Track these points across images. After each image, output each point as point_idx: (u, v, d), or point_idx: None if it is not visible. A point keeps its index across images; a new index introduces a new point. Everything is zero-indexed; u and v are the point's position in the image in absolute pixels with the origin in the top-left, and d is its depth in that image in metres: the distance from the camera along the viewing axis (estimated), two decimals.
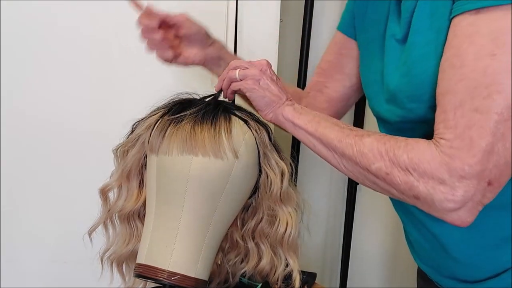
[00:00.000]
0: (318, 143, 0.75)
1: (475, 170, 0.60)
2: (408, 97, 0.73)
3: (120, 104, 1.17)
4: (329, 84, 1.00)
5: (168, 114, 0.77)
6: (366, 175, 0.69)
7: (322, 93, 1.01)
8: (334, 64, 0.99)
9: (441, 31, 0.67)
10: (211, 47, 0.91)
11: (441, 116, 0.64)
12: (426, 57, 0.69)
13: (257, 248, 0.82)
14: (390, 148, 0.66)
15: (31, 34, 1.13)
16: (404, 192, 0.65)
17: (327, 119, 0.75)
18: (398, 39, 0.77)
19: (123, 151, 0.82)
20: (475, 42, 0.61)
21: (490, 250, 0.78)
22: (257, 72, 0.78)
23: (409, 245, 0.95)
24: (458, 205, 0.62)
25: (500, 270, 0.78)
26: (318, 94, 1.02)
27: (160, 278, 0.72)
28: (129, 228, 0.83)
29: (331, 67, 1.00)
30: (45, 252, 1.23)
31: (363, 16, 0.90)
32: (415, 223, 0.85)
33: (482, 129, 0.59)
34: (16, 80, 1.15)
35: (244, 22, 1.18)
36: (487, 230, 0.77)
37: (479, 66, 0.60)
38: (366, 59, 0.89)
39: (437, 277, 0.89)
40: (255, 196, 0.81)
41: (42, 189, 1.20)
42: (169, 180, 0.74)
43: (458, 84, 0.61)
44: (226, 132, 0.74)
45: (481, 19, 0.60)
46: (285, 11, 1.29)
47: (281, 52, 1.24)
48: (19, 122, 1.17)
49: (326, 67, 1.01)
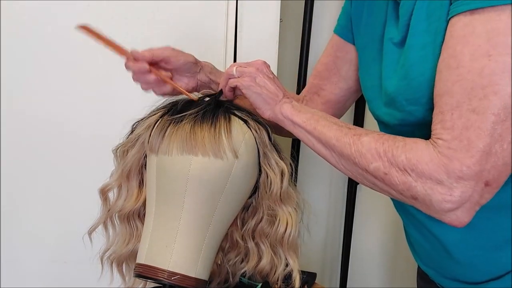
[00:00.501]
0: (316, 142, 0.75)
1: (473, 171, 0.60)
2: (407, 100, 0.73)
3: (120, 104, 1.17)
4: (326, 87, 1.00)
5: (168, 114, 0.77)
6: (365, 175, 0.69)
7: (318, 95, 1.01)
8: (331, 66, 0.99)
9: (439, 33, 0.67)
10: (200, 73, 0.90)
11: (438, 117, 0.64)
12: (424, 59, 0.69)
13: (257, 248, 0.82)
14: (389, 148, 0.66)
15: (31, 34, 1.13)
16: (402, 193, 0.66)
17: (325, 117, 0.75)
18: (396, 42, 0.77)
19: (123, 151, 0.82)
20: (470, 43, 0.61)
21: (492, 251, 0.78)
22: (253, 70, 0.79)
23: (410, 246, 0.95)
24: (455, 205, 0.62)
25: (502, 272, 0.78)
26: (314, 96, 1.02)
27: (160, 278, 0.72)
28: (129, 228, 0.83)
29: (327, 70, 1.00)
30: (45, 252, 1.23)
31: (359, 20, 0.91)
32: (416, 224, 0.85)
33: (479, 130, 0.59)
34: (16, 80, 1.15)
35: (244, 22, 1.18)
36: (489, 232, 0.77)
37: (475, 67, 0.60)
38: (364, 63, 0.89)
39: (438, 278, 0.89)
40: (255, 196, 0.81)
41: (42, 189, 1.20)
42: (169, 180, 0.74)
43: (455, 85, 0.62)
44: (226, 132, 0.74)
45: (476, 20, 0.61)
46: (285, 11, 1.29)
47: (281, 52, 1.24)
48: (19, 122, 1.17)
49: (322, 69, 1.01)
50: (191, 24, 1.18)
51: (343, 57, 0.97)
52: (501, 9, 0.59)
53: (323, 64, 1.01)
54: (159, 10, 1.16)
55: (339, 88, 0.99)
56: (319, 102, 1.01)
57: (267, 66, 0.81)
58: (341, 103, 1.01)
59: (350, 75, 0.97)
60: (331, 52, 0.99)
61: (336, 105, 1.01)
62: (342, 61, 0.97)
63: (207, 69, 0.91)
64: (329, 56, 0.99)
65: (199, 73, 0.89)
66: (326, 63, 1.00)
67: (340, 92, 0.99)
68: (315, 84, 1.02)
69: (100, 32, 0.81)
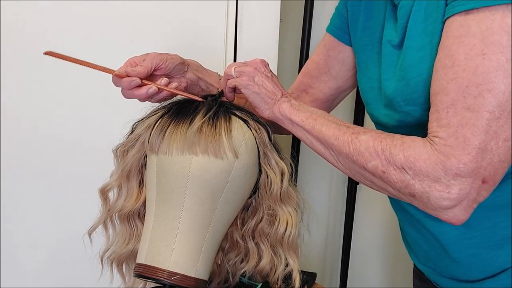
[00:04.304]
0: (315, 141, 0.75)
1: (469, 168, 0.61)
2: (405, 100, 0.74)
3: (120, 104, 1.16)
4: (315, 85, 1.00)
5: (168, 114, 0.77)
6: (363, 173, 0.70)
7: (307, 93, 1.02)
8: (322, 65, 0.99)
9: (435, 35, 0.68)
10: (189, 72, 0.88)
11: (434, 115, 0.64)
12: (421, 60, 0.70)
13: (257, 248, 0.82)
14: (386, 147, 0.66)
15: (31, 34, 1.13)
16: (400, 190, 0.66)
17: (324, 116, 0.76)
18: (395, 44, 0.78)
19: (123, 151, 0.82)
20: (465, 42, 0.62)
21: (489, 250, 0.78)
22: (251, 69, 0.79)
23: (406, 245, 0.96)
24: (453, 203, 0.63)
25: (498, 270, 0.78)
26: (303, 94, 1.02)
27: (160, 278, 0.72)
28: (129, 228, 0.83)
29: (318, 68, 1.00)
30: (45, 252, 1.23)
31: (356, 23, 0.91)
32: (413, 222, 0.86)
33: (474, 128, 0.60)
34: (16, 80, 1.15)
35: (244, 22, 1.19)
36: (486, 230, 0.77)
37: (470, 65, 0.61)
38: (363, 65, 0.90)
39: (435, 276, 0.89)
40: (255, 195, 0.81)
41: (42, 189, 1.20)
42: (169, 180, 0.74)
43: (450, 83, 0.62)
44: (226, 132, 0.74)
45: (471, 20, 0.62)
46: (285, 11, 1.29)
47: (281, 52, 1.24)
48: (19, 122, 1.17)
49: (312, 68, 1.01)
50: (191, 24, 1.18)
51: (335, 57, 0.97)
52: (495, 9, 0.60)
53: (314, 62, 1.01)
54: (159, 10, 1.16)
55: (328, 87, 1.00)
56: (307, 100, 1.01)
57: (265, 65, 0.81)
58: (329, 102, 1.02)
59: (341, 75, 0.98)
60: (323, 51, 0.99)
61: (324, 103, 1.01)
62: (334, 60, 0.97)
63: (194, 67, 0.90)
64: (321, 55, 0.99)
65: (188, 72, 0.88)
66: (317, 61, 1.00)
67: (329, 91, 1.00)
68: (304, 82, 1.02)
69: (72, 57, 0.78)
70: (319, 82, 1.00)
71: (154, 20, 1.16)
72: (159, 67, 0.82)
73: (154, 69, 0.82)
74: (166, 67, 0.83)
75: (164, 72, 0.84)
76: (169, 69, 0.84)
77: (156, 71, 0.83)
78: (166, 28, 1.17)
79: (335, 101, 1.03)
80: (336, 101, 1.04)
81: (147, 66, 0.80)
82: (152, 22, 1.16)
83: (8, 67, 1.14)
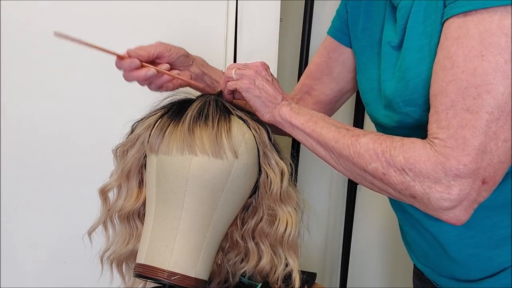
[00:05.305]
0: (315, 144, 0.75)
1: (469, 168, 0.61)
2: (404, 101, 0.74)
3: (120, 104, 1.17)
4: (317, 87, 1.01)
5: (167, 114, 0.78)
6: (363, 175, 0.70)
7: (310, 95, 1.02)
8: (323, 67, 1.00)
9: (434, 36, 0.68)
10: (193, 65, 0.90)
11: (433, 116, 0.65)
12: (420, 61, 0.70)
13: (257, 248, 0.82)
14: (386, 149, 0.66)
15: (31, 34, 1.13)
16: (401, 192, 0.66)
17: (324, 119, 0.76)
18: (394, 45, 0.78)
19: (122, 151, 0.82)
20: (464, 44, 0.62)
21: (488, 249, 0.78)
22: (252, 73, 0.79)
23: (406, 244, 0.96)
24: (454, 203, 0.63)
25: (498, 269, 0.79)
26: (306, 96, 1.03)
27: (160, 278, 0.72)
28: (129, 228, 0.83)
29: (319, 70, 1.00)
30: (45, 252, 1.23)
31: (356, 25, 0.91)
32: (413, 222, 0.86)
33: (474, 129, 0.60)
34: (16, 80, 1.15)
35: (244, 22, 1.19)
36: (486, 230, 0.77)
37: (469, 67, 0.61)
38: (362, 67, 0.90)
39: (434, 276, 0.89)
40: (255, 195, 0.81)
41: (42, 189, 1.20)
42: (169, 180, 0.74)
43: (449, 85, 0.63)
44: (226, 132, 0.74)
45: (469, 22, 0.62)
46: (285, 11, 1.29)
47: (281, 52, 1.24)
48: (19, 122, 1.17)
49: (314, 70, 1.02)
50: (191, 24, 1.18)
51: (336, 59, 0.97)
52: (493, 11, 0.60)
53: (315, 64, 1.01)
54: (159, 10, 1.16)
55: (330, 89, 1.00)
56: (310, 102, 1.02)
57: (266, 68, 0.81)
58: (332, 104, 1.02)
59: (342, 77, 0.98)
60: (324, 53, 1.00)
61: (327, 105, 1.02)
62: (335, 62, 0.98)
63: (199, 62, 0.92)
64: (322, 57, 1.00)
65: (192, 66, 0.90)
66: (319, 63, 1.00)
67: (331, 93, 1.00)
68: (307, 83, 1.03)
69: (79, 38, 0.79)
70: (321, 84, 1.01)
71: (154, 20, 1.16)
72: (162, 54, 0.85)
73: (157, 56, 0.85)
74: (170, 55, 0.86)
75: (168, 60, 0.86)
76: (173, 58, 0.86)
77: (160, 59, 0.86)
78: (166, 28, 1.17)
79: (337, 103, 1.04)
80: (339, 103, 1.04)
81: (149, 51, 0.83)
82: (152, 22, 1.16)
83: (8, 67, 1.14)
